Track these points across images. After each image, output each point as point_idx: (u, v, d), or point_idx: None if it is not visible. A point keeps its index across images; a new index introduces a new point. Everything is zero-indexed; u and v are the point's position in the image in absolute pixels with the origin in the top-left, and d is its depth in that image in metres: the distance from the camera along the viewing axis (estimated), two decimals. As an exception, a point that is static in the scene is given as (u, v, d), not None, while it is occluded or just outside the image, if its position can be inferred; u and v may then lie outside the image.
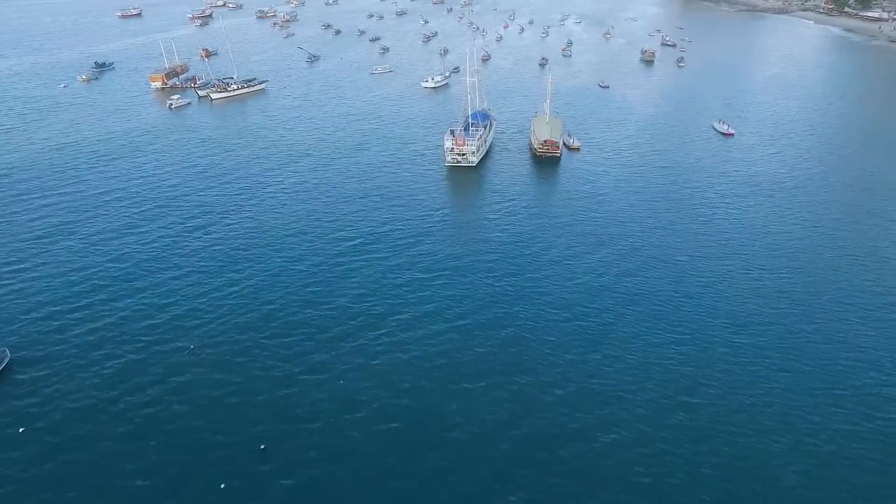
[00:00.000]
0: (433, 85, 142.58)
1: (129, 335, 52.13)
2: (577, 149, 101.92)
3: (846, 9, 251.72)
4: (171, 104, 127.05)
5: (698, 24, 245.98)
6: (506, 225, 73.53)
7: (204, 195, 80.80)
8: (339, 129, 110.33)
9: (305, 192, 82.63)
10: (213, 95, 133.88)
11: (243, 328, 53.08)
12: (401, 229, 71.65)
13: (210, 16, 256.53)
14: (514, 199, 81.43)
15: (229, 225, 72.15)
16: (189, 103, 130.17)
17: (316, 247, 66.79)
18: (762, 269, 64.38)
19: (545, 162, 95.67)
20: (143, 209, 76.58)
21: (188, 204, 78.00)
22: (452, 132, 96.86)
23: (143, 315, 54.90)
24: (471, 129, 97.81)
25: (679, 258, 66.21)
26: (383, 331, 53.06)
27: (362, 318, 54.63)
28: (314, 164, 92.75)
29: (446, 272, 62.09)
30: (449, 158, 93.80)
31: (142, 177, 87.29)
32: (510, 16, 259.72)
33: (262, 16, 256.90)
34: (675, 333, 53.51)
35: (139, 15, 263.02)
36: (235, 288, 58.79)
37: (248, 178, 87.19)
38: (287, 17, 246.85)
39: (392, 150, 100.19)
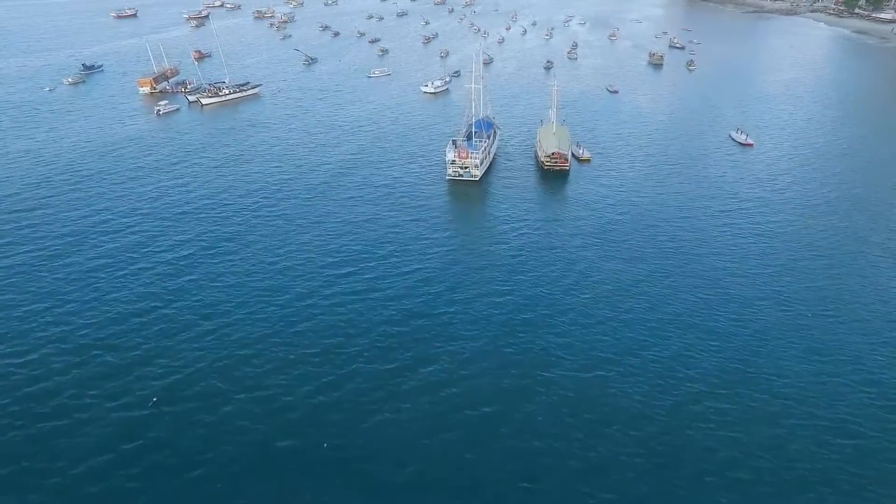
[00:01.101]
0: (433, 90, 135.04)
1: (84, 382, 44.79)
2: (588, 160, 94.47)
3: (857, 10, 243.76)
4: (158, 110, 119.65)
5: (705, 25, 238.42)
6: (514, 251, 65.25)
7: (182, 218, 72.91)
8: (334, 140, 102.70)
9: (294, 211, 74.86)
10: (204, 101, 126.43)
11: (213, 380, 45.60)
12: (397, 256, 63.86)
13: (206, 16, 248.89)
14: (521, 221, 73.66)
15: (210, 253, 64.20)
16: (178, 109, 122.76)
17: (302, 278, 58.92)
18: (802, 308, 56.88)
19: (553, 176, 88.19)
20: (113, 239, 68.62)
21: (163, 232, 69.53)
22: (454, 143, 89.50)
23: (99, 364, 47.52)
24: (474, 139, 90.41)
25: (708, 292, 58.57)
26: (377, 385, 45.56)
27: (355, 366, 47.11)
28: (305, 182, 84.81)
29: (450, 313, 54.16)
30: (450, 172, 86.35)
31: (116, 196, 79.41)
32: (512, 17, 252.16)
33: (259, 16, 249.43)
34: (719, 388, 46.07)
35: (134, 15, 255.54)
36: (209, 325, 51.24)
37: (233, 197, 79.00)
38: (284, 18, 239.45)
39: (389, 162, 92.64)
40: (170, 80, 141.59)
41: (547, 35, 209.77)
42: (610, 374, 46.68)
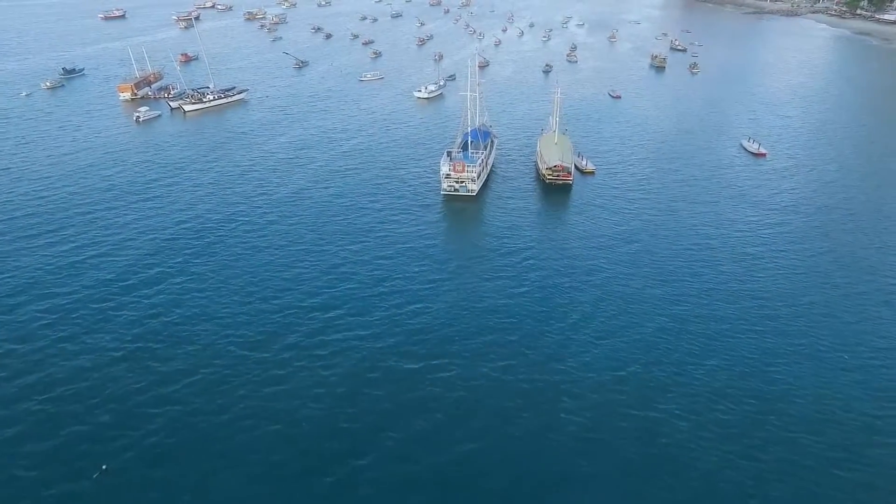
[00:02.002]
0: (426, 95, 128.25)
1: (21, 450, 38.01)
2: (592, 173, 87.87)
3: (859, 11, 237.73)
4: (137, 117, 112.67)
5: (705, 26, 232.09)
6: (516, 283, 57.86)
7: (152, 240, 65.90)
8: (321, 151, 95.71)
9: (275, 235, 67.57)
10: (186, 107, 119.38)
11: (166, 460, 38.62)
12: (390, 288, 56.75)
13: (197, 18, 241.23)
14: (522, 242, 66.86)
15: (181, 296, 56.87)
16: (159, 116, 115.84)
17: (284, 324, 51.61)
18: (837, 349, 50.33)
19: (555, 190, 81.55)
20: (71, 280, 61.32)
21: (129, 257, 62.51)
22: (449, 154, 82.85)
23: (43, 424, 40.71)
24: (470, 149, 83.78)
25: (740, 330, 52.00)
26: (364, 461, 38.83)
27: (340, 439, 40.21)
28: (288, 198, 77.76)
29: (445, 359, 47.26)
30: (445, 186, 79.61)
31: (86, 212, 72.40)
32: (509, 18, 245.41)
33: (250, 18, 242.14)
34: (749, 438, 39.51)
35: (123, 17, 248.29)
36: (167, 390, 43.76)
37: (209, 224, 71.62)
38: (276, 20, 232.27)
39: (379, 175, 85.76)
40: (152, 86, 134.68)
41: (545, 37, 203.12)
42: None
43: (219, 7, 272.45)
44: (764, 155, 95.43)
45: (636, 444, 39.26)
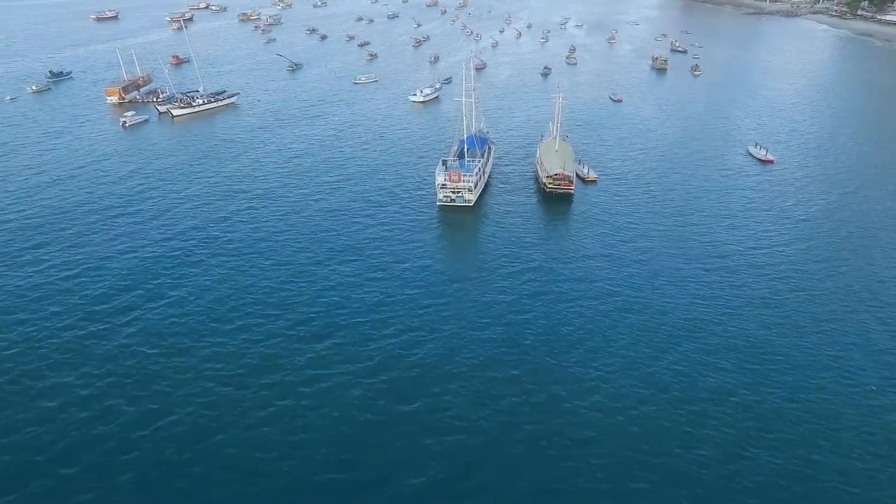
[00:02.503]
0: (421, 99, 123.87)
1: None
2: (594, 181, 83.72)
3: (860, 11, 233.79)
4: (124, 122, 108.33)
5: (705, 27, 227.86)
6: (518, 309, 53.38)
7: (131, 260, 61.49)
8: (313, 160, 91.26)
9: (262, 255, 63.11)
10: (175, 112, 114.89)
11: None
12: (383, 315, 52.26)
13: (190, 19, 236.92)
14: (523, 260, 62.52)
15: (155, 311, 52.73)
16: (146, 120, 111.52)
17: (263, 354, 47.08)
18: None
19: (556, 199, 77.37)
20: (43, 288, 57.49)
21: (104, 279, 57.87)
22: (445, 163, 78.65)
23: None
24: (466, 157, 79.60)
25: (754, 359, 47.86)
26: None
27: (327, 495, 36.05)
28: (276, 214, 73.19)
29: (444, 397, 43.03)
30: (441, 196, 75.40)
31: (63, 228, 67.97)
32: (506, 19, 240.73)
33: (244, 19, 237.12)
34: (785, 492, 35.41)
35: (115, 17, 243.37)
36: (139, 434, 39.53)
37: (190, 232, 67.44)
38: (271, 21, 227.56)
39: (372, 186, 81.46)
40: (141, 89, 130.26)
41: (543, 38, 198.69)
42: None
43: (213, 8, 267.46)
44: (771, 161, 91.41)
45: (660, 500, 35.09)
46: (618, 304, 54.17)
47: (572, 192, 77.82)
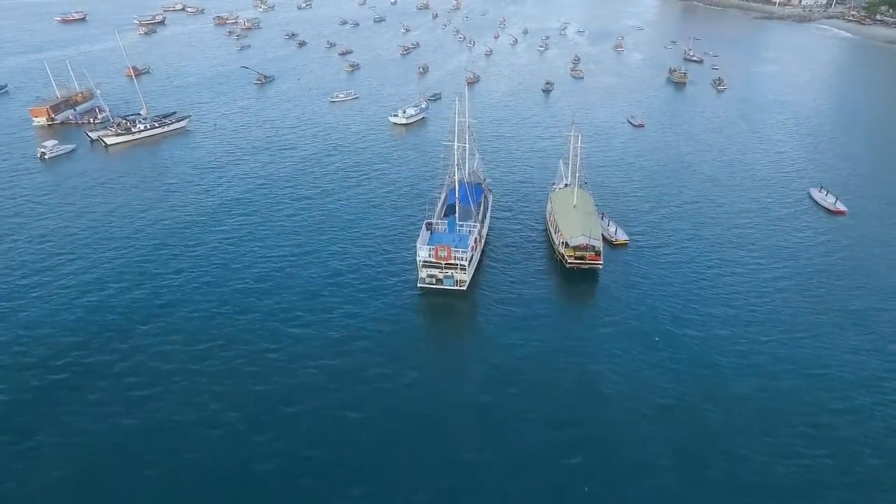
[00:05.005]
0: (405, 120, 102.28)
1: None
2: (625, 244, 62.71)
3: (879, 16, 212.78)
4: (43, 153, 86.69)
5: (714, 33, 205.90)
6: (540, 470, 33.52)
7: (35, 340, 40.41)
8: (268, 208, 70.20)
9: (191, 343, 42.69)
10: (108, 140, 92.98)
11: None
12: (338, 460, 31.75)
13: (161, 22, 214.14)
14: (542, 393, 41.82)
15: (61, 407, 31.57)
16: (73, 150, 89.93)
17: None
18: None
19: (577, 277, 56.32)
20: None
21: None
22: (429, 227, 57.34)
23: None
24: (457, 217, 58.45)
25: None
26: None
27: None
28: (216, 283, 53.01)
29: None
30: (424, 276, 54.20)
31: None
32: (501, 23, 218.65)
33: (220, 22, 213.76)
34: None
35: (83, 20, 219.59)
36: None
37: (109, 302, 47.37)
38: (248, 25, 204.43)
39: (335, 252, 60.30)
40: (77, 108, 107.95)
41: (542, 46, 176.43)
42: None
43: (189, 10, 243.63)
44: (843, 213, 70.61)
45: None
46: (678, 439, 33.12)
47: (600, 266, 56.57)
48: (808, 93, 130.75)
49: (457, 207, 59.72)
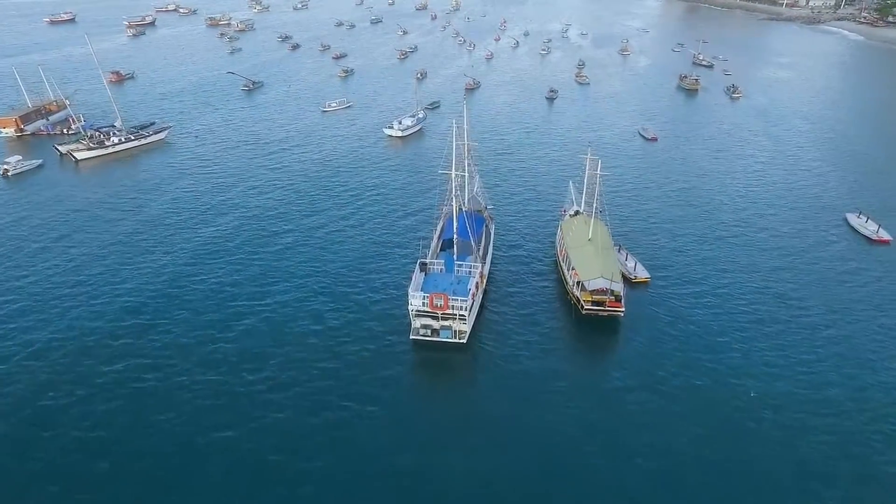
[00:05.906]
0: (400, 133, 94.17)
1: None
2: (646, 282, 54.76)
3: (891, 18, 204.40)
4: (6, 169, 78.97)
5: (721, 35, 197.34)
6: None
7: None
8: (248, 241, 62.13)
9: (164, 394, 34.93)
10: (78, 155, 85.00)
11: None
12: None
13: (152, 23, 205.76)
14: (557, 475, 33.93)
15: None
16: (40, 166, 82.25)
17: None
18: None
19: (595, 324, 48.42)
20: None
21: None
22: (423, 268, 49.43)
23: None
24: (455, 257, 50.51)
25: None
26: None
27: None
28: (188, 330, 45.49)
29: None
30: (418, 326, 46.30)
31: None
32: (501, 25, 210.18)
33: (212, 24, 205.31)
34: None
35: (72, 20, 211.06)
36: None
37: (73, 338, 39.53)
38: (241, 27, 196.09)
39: (318, 294, 52.29)
40: (50, 118, 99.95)
41: (544, 50, 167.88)
42: None
43: (181, 11, 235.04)
44: (887, 242, 62.79)
45: None
46: None
47: (622, 314, 48.60)
48: (828, 102, 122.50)
49: (455, 242, 51.73)
